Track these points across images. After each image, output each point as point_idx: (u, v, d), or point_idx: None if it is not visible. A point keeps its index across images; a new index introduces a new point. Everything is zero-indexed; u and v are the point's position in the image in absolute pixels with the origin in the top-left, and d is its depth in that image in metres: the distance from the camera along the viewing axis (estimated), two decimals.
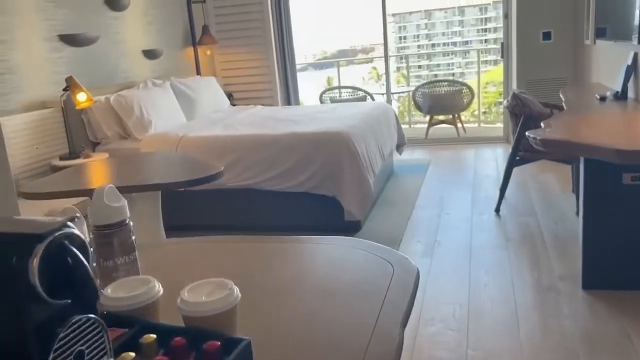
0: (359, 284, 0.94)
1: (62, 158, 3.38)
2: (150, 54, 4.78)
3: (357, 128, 3.59)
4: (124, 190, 2.25)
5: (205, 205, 3.55)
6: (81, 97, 3.33)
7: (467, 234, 3.25)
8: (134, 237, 0.88)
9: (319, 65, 12.22)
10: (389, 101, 6.23)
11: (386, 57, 6.08)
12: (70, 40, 3.82)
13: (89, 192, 2.27)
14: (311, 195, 3.35)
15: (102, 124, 3.71)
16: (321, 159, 3.29)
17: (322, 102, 6.61)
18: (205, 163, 2.59)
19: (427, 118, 6.37)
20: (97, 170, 2.59)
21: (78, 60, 3.93)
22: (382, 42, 5.98)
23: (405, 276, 0.95)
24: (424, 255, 3.01)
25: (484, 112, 9.19)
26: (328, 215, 3.38)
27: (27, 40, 3.48)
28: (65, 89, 3.38)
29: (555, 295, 2.45)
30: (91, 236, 0.85)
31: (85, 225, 0.88)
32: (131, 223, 0.87)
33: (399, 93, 8.12)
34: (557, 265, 2.73)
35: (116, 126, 3.77)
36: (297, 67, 6.19)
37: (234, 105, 5.38)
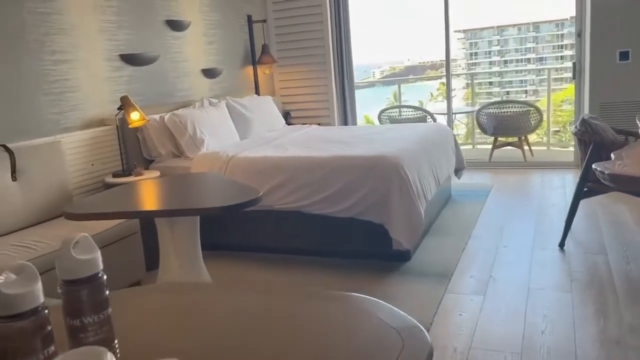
0: None
1: (115, 175, 3.46)
2: (209, 73, 4.85)
3: (409, 152, 3.43)
4: (159, 214, 2.23)
5: (252, 225, 3.51)
6: (134, 116, 3.39)
7: (525, 271, 3.00)
8: (107, 292, 0.80)
9: (389, 81, 12.04)
10: (450, 121, 5.99)
11: (448, 76, 5.87)
12: (130, 59, 3.93)
13: (124, 215, 2.27)
14: (359, 221, 3.22)
15: (156, 142, 3.77)
16: (369, 185, 3.16)
17: (380, 121, 6.47)
18: (246, 187, 2.53)
19: (492, 139, 6.07)
20: (138, 192, 2.59)
21: (138, 79, 4.03)
22: (450, 59, 5.78)
23: (415, 352, 0.81)
24: (476, 292, 2.79)
25: (557, 131, 8.69)
26: (376, 243, 3.23)
27: (89, 59, 3.60)
28: (119, 108, 3.45)
29: (624, 350, 2.17)
30: (59, 290, 0.77)
31: (38, 283, 0.80)
32: (104, 277, 0.79)
33: (462, 112, 7.83)
34: (628, 314, 2.44)
35: (170, 144, 3.82)
36: (364, 83, 6.10)
37: (290, 124, 5.36)
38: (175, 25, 4.42)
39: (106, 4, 3.75)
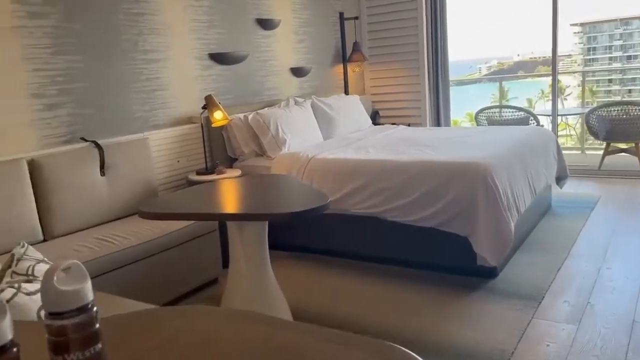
0: None
1: (198, 173, 3.52)
2: (298, 72, 4.82)
3: (501, 158, 3.14)
4: (228, 218, 2.19)
5: (327, 228, 3.41)
6: (217, 115, 3.42)
7: (631, 301, 2.62)
8: (97, 326, 0.72)
9: (496, 78, 11.38)
10: (554, 124, 5.49)
11: (554, 74, 5.37)
12: (219, 58, 3.99)
13: (193, 217, 2.26)
14: (440, 231, 3.00)
15: (240, 141, 3.80)
16: (453, 193, 2.93)
17: (477, 122, 6.09)
18: (316, 192, 2.43)
19: (604, 145, 5.47)
20: (212, 193, 2.58)
21: (226, 78, 4.09)
22: (570, 52, 5.34)
23: None
24: (569, 320, 2.48)
25: None
26: (459, 256, 3.00)
27: (179, 58, 3.70)
28: (204, 107, 3.51)
29: None
30: (45, 322, 0.71)
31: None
32: (95, 309, 0.72)
33: (570, 115, 7.18)
34: None
35: (253, 144, 3.83)
36: (467, 80, 5.78)
37: (378, 124, 5.20)
38: (266, 24, 4.43)
39: (197, 3, 3.83)
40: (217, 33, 4.00)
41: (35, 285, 1.28)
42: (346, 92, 5.42)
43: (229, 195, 2.57)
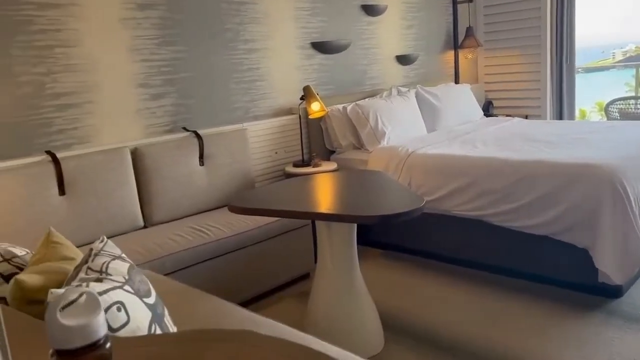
0: None
1: (294, 165, 3.46)
2: (403, 60, 4.59)
3: (633, 160, 2.71)
4: (314, 217, 2.08)
5: (426, 228, 3.19)
6: (315, 107, 3.33)
7: None
8: None
9: (633, 65, 10.09)
10: None
11: None
12: (321, 47, 3.88)
13: (280, 213, 2.17)
14: (555, 241, 2.66)
15: (338, 133, 3.68)
16: (572, 199, 2.57)
17: (607, 115, 5.42)
18: (409, 194, 2.24)
19: None
20: (304, 188, 2.49)
21: (328, 67, 3.98)
22: None
23: None
24: None
25: None
26: (576, 270, 2.64)
27: (281, 48, 3.65)
28: (302, 98, 3.43)
29: None
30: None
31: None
32: (108, 345, 0.62)
33: None
34: None
35: (351, 136, 3.70)
36: (596, 66, 5.18)
37: (490, 115, 4.80)
38: (371, 10, 4.25)
39: None
40: (319, 21, 3.90)
41: (104, 285, 1.26)
42: (456, 81, 5.08)
43: (319, 191, 2.45)
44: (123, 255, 1.49)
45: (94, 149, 2.71)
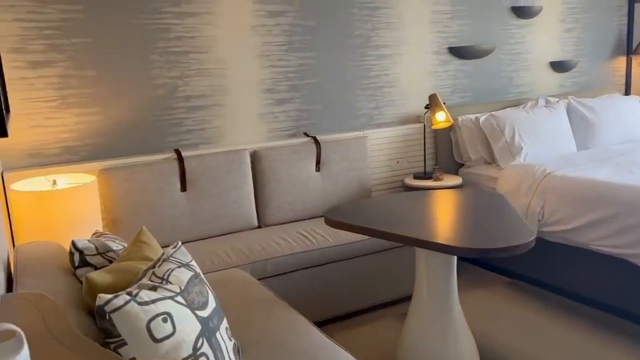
0: None
1: (415, 176, 3.29)
2: (559, 66, 4.10)
3: None
4: (408, 242, 1.94)
5: (552, 258, 2.81)
6: (439, 117, 3.12)
7: None
8: None
9: None
10: None
11: None
12: (460, 52, 3.64)
13: (374, 233, 2.06)
14: None
15: (468, 146, 3.41)
16: None
17: None
18: (520, 224, 1.97)
19: None
20: (409, 206, 2.34)
21: (465, 73, 3.72)
22: None
23: None
24: None
25: None
26: None
27: (414, 53, 3.49)
28: (426, 106, 3.24)
29: None
30: None
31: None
32: None
33: None
34: None
35: (482, 149, 3.40)
36: None
37: None
38: (522, 12, 3.87)
39: None
40: (460, 25, 3.65)
41: (155, 294, 1.29)
42: (626, 92, 4.40)
43: (426, 211, 2.28)
44: (192, 263, 1.53)
45: (217, 150, 2.86)
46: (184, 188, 2.73)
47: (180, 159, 2.72)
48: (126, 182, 2.59)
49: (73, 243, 1.67)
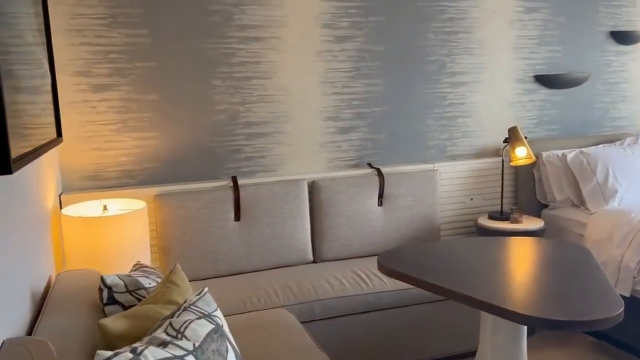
0: None
1: (490, 216, 2.99)
2: None
3: None
4: (468, 302, 1.69)
5: None
6: (519, 152, 2.81)
7: None
8: None
9: None
10: None
11: None
12: (548, 81, 3.30)
13: (430, 287, 1.83)
14: None
15: (553, 185, 3.05)
16: None
17: None
18: (607, 291, 1.65)
19: None
20: (479, 254, 2.08)
21: (554, 104, 3.37)
22: None
23: None
24: None
25: None
26: None
27: (494, 81, 3.21)
28: (505, 140, 2.94)
29: None
30: None
31: None
32: None
33: None
34: None
35: (569, 190, 3.03)
36: None
37: None
38: (624, 37, 3.46)
39: (528, 17, 3.24)
40: (548, 51, 3.32)
41: (164, 353, 1.16)
42: None
43: (498, 264, 2.01)
44: (215, 313, 1.39)
45: (275, 178, 2.75)
46: (237, 217, 2.63)
47: (235, 187, 2.63)
48: (179, 209, 2.53)
49: (102, 279, 1.59)
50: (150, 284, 1.70)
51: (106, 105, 2.52)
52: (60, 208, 2.39)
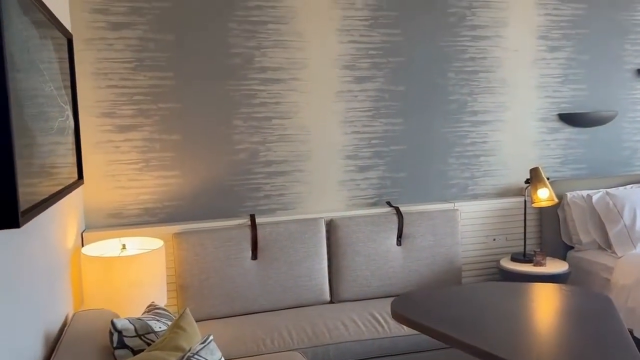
0: None
1: (513, 258, 2.92)
2: None
3: None
4: (484, 357, 1.65)
5: None
6: (542, 194, 2.75)
7: None
8: None
9: None
10: None
11: None
12: (573, 119, 3.25)
13: (447, 339, 1.79)
14: None
15: (578, 226, 2.97)
16: None
17: None
18: (626, 345, 1.58)
19: None
20: (495, 301, 2.02)
21: (579, 143, 3.30)
22: None
23: None
24: None
25: None
26: None
27: (517, 120, 3.18)
28: (527, 181, 2.89)
29: None
30: None
31: None
32: None
33: None
34: None
35: (595, 232, 2.94)
36: None
37: None
38: None
39: (550, 55, 3.21)
40: (573, 89, 3.27)
41: None
42: None
43: (516, 314, 1.96)
44: None
45: (294, 217, 2.76)
46: (255, 256, 2.64)
47: (253, 225, 2.65)
48: (197, 247, 2.56)
49: (113, 324, 1.62)
50: (160, 327, 1.72)
51: (129, 145, 2.60)
52: (82, 245, 2.44)
